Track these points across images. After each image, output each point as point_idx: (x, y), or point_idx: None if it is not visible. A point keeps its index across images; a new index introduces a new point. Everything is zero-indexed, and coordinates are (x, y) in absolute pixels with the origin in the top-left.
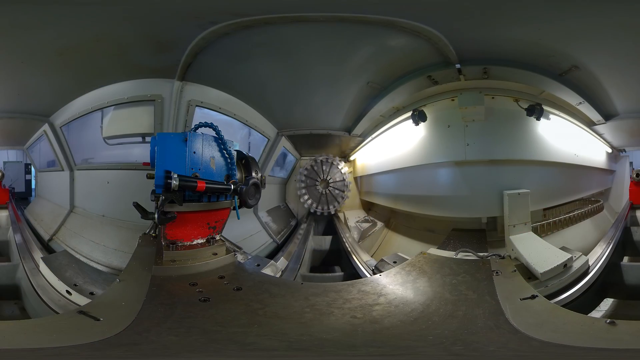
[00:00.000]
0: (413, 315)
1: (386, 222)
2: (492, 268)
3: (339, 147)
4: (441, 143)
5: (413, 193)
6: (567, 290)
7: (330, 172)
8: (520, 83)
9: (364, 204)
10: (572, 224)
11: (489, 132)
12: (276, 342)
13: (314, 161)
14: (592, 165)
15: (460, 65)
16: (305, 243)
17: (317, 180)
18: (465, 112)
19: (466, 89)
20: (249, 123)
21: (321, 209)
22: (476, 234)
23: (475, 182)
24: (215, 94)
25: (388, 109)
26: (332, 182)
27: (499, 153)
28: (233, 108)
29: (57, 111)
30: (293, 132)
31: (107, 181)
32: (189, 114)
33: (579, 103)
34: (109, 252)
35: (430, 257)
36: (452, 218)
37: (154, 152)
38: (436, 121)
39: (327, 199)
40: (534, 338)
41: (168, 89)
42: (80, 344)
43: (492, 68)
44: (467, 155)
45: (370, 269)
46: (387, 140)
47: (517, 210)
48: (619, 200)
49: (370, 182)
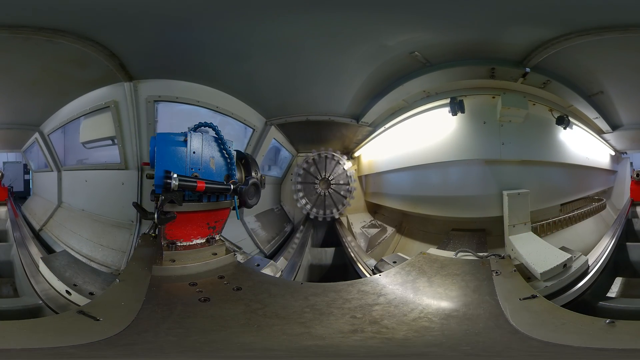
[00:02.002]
0: (413, 316)
1: (398, 226)
2: (492, 268)
3: (341, 140)
4: (476, 139)
5: (438, 194)
6: (581, 279)
7: (332, 170)
8: (559, 97)
9: (370, 207)
10: (582, 219)
11: (522, 134)
12: (276, 342)
13: (312, 157)
14: (599, 167)
15: (529, 70)
16: (301, 257)
17: (316, 179)
18: (506, 112)
19: (509, 90)
20: (221, 110)
21: (322, 214)
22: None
23: (506, 181)
24: (181, 85)
25: (416, 93)
26: (335, 182)
27: (531, 154)
28: (201, 97)
29: (46, 121)
30: (285, 120)
31: (85, 180)
32: (149, 111)
33: (596, 117)
34: (82, 241)
35: (430, 257)
36: (480, 219)
37: (154, 152)
38: (472, 115)
39: (328, 202)
40: (534, 338)
41: (122, 92)
42: (80, 344)
43: (552, 82)
44: (502, 154)
45: (370, 269)
46: (405, 132)
47: (516, 210)
48: (620, 198)
49: (379, 181)
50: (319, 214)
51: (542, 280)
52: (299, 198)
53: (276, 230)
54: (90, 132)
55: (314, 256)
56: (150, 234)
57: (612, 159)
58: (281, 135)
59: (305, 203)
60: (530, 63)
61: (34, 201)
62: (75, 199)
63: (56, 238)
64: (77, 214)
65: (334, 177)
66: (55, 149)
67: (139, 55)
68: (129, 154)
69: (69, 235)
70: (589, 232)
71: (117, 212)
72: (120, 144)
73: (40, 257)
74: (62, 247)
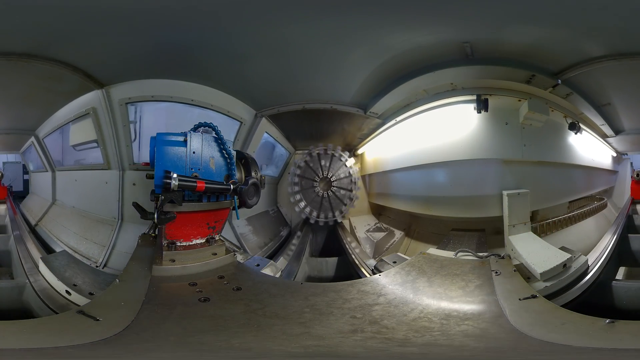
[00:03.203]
0: (412, 316)
1: (406, 229)
2: (492, 268)
3: (342, 136)
4: (499, 139)
5: (455, 194)
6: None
7: (333, 168)
8: (574, 105)
9: (373, 208)
10: (587, 217)
11: (541, 137)
12: (276, 342)
13: (309, 154)
14: (602, 167)
15: (560, 83)
16: (297, 267)
17: (316, 179)
18: (530, 116)
19: (534, 96)
20: (198, 103)
21: (322, 217)
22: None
23: (526, 181)
24: (157, 83)
25: (442, 85)
26: (336, 181)
27: (548, 156)
28: (178, 92)
29: (41, 126)
30: (277, 110)
31: (75, 179)
32: (122, 114)
33: (602, 124)
34: (70, 235)
35: (430, 257)
36: (499, 218)
37: (154, 152)
38: (495, 115)
39: (328, 204)
40: (534, 338)
41: (97, 99)
42: (80, 344)
43: (574, 94)
44: (523, 155)
45: (370, 269)
46: (418, 127)
47: (516, 210)
48: (621, 197)
49: (386, 181)
50: (319, 218)
51: (542, 280)
52: (297, 200)
53: (270, 234)
54: (78, 136)
55: (312, 267)
56: (150, 234)
57: (613, 160)
58: (275, 129)
59: (304, 206)
60: (565, 76)
61: (32, 199)
62: (67, 197)
63: (49, 232)
64: (68, 211)
65: (336, 177)
66: (49, 151)
67: (104, 64)
68: (111, 155)
69: (60, 230)
70: (594, 229)
71: (101, 209)
72: (101, 146)
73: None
74: (54, 240)
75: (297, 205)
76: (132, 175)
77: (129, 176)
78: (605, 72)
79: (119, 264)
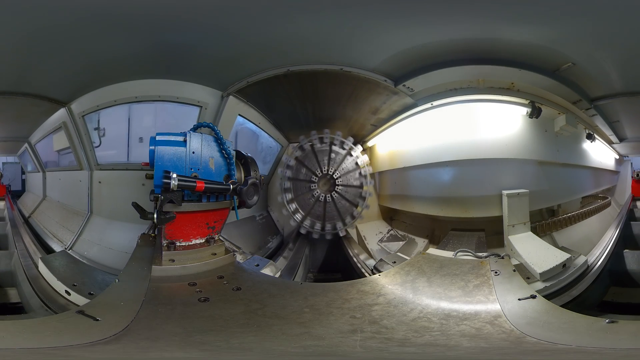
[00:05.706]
0: (412, 315)
1: (429, 235)
2: (491, 268)
3: (348, 122)
4: (539, 143)
5: (490, 193)
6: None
7: (335, 161)
8: (593, 121)
9: (384, 213)
10: (593, 214)
11: (568, 144)
12: (275, 342)
13: (300, 147)
14: (608, 168)
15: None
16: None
17: (313, 177)
18: (564, 127)
19: (569, 111)
20: (142, 98)
21: (319, 228)
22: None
23: (555, 179)
24: (116, 88)
25: (501, 80)
26: (342, 180)
27: (572, 159)
28: (140, 92)
29: (32, 134)
30: (246, 82)
31: (59, 178)
32: (82, 125)
33: (611, 134)
34: (52, 224)
35: (430, 257)
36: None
37: (154, 152)
38: (538, 122)
39: (330, 210)
40: (533, 338)
41: (65, 115)
42: (79, 344)
43: (597, 115)
44: (558, 158)
45: (370, 268)
46: (455, 117)
47: (516, 210)
48: (622, 195)
49: (405, 179)
50: (315, 229)
51: (541, 280)
52: (292, 211)
53: (254, 245)
54: (58, 144)
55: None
56: (150, 234)
57: (616, 162)
58: (255, 112)
59: (302, 217)
60: (597, 103)
61: (27, 196)
62: (54, 193)
63: (38, 222)
64: (54, 204)
65: (341, 175)
66: (40, 154)
67: (60, 86)
68: (82, 158)
69: (46, 220)
70: (600, 222)
71: (76, 203)
72: (73, 152)
73: (39, 257)
74: (41, 228)
75: (292, 218)
76: (98, 175)
77: (96, 175)
78: (622, 102)
79: (118, 264)
